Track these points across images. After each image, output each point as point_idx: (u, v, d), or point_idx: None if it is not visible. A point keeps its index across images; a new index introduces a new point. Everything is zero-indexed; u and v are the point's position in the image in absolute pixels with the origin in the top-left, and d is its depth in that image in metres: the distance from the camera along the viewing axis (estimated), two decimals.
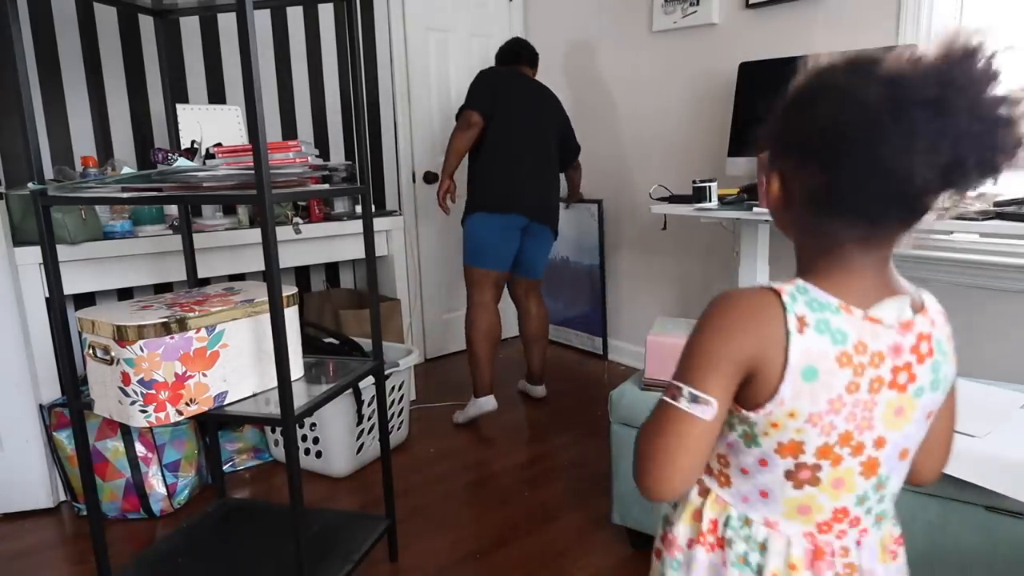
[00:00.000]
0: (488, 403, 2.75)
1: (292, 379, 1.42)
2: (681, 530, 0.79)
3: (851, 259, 0.69)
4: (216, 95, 2.87)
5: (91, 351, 1.41)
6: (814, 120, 0.66)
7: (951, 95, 0.59)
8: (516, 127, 2.67)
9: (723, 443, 0.74)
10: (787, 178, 0.70)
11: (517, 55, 2.86)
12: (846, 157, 0.63)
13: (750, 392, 0.69)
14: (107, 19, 2.59)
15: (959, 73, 0.59)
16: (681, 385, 0.69)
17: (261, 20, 2.95)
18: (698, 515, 0.77)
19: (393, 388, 2.51)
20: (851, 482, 0.71)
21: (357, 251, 2.82)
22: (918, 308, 0.71)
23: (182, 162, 1.42)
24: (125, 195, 1.45)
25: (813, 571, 0.72)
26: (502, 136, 2.65)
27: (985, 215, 1.74)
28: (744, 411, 0.70)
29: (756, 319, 0.67)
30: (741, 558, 0.73)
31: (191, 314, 1.39)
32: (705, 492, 0.77)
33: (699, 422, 0.68)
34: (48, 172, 2.39)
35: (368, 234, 1.74)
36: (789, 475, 0.71)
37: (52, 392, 2.16)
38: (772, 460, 0.71)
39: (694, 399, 0.68)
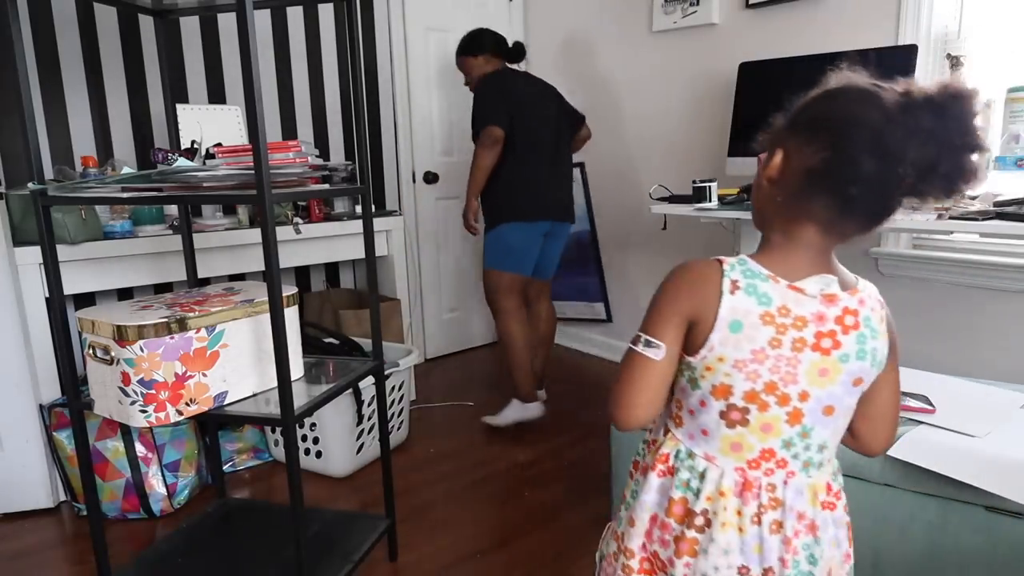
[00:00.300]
0: (537, 409, 2.73)
1: (292, 379, 1.42)
2: (647, 457, 0.95)
3: (802, 240, 0.82)
4: (216, 95, 2.87)
5: (91, 351, 1.41)
6: (835, 107, 0.79)
7: (952, 105, 0.73)
8: (532, 131, 2.62)
9: (678, 388, 0.90)
10: (790, 153, 0.81)
11: (497, 49, 2.75)
12: (852, 136, 0.76)
13: (691, 341, 0.84)
14: (107, 19, 2.59)
15: (959, 94, 0.74)
16: (640, 334, 0.86)
17: (261, 20, 2.95)
18: (658, 449, 0.93)
19: (393, 388, 2.51)
20: (777, 428, 0.84)
21: (357, 251, 2.82)
22: (848, 288, 0.84)
23: (182, 162, 1.41)
24: (125, 195, 1.45)
25: (740, 499, 0.86)
26: (523, 143, 2.60)
27: (985, 215, 1.74)
28: (687, 357, 0.85)
29: (698, 281, 0.83)
30: (684, 483, 0.89)
31: (191, 314, 1.39)
32: (666, 432, 0.93)
33: (653, 363, 0.85)
34: (48, 172, 2.39)
35: (368, 234, 1.74)
36: (723, 415, 0.85)
37: (52, 392, 2.16)
38: (709, 401, 0.86)
39: (648, 344, 0.85)
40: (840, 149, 0.76)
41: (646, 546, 0.92)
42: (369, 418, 2.41)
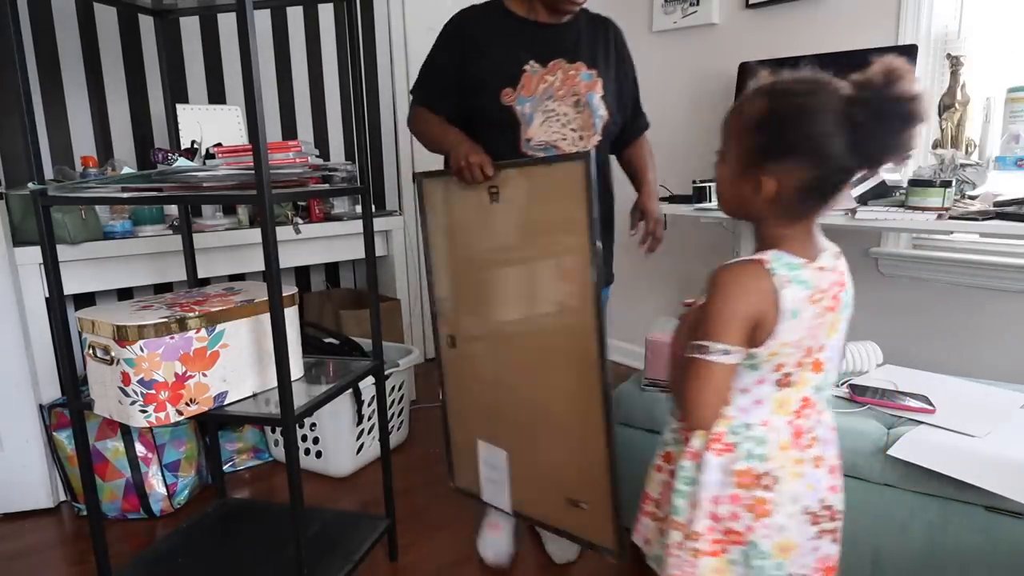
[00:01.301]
0: None
1: (292, 379, 1.42)
2: (695, 443, 1.01)
3: (807, 227, 0.96)
4: (216, 95, 2.87)
5: (91, 351, 1.41)
6: (799, 134, 0.89)
7: (892, 108, 0.85)
8: None
9: None
10: (779, 178, 0.92)
11: None
12: (829, 153, 0.88)
13: (755, 335, 0.93)
14: (107, 19, 2.59)
15: (902, 96, 0.85)
16: (709, 343, 0.92)
17: (261, 20, 2.95)
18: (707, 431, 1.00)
19: (393, 388, 2.51)
20: (806, 379, 0.98)
21: (357, 251, 2.82)
22: (836, 255, 0.99)
23: (182, 162, 1.42)
24: (125, 195, 1.45)
25: (796, 447, 0.98)
26: None
27: (985, 215, 1.73)
28: (750, 349, 0.94)
29: (754, 283, 0.92)
30: (747, 453, 0.97)
31: (191, 314, 1.39)
32: None
33: (728, 367, 0.93)
34: (48, 172, 2.38)
35: (368, 234, 1.74)
36: (778, 383, 0.97)
37: (52, 392, 2.16)
38: (767, 378, 0.97)
39: (726, 352, 0.92)
40: (824, 166, 0.89)
41: (714, 527, 0.99)
42: (369, 418, 2.41)
